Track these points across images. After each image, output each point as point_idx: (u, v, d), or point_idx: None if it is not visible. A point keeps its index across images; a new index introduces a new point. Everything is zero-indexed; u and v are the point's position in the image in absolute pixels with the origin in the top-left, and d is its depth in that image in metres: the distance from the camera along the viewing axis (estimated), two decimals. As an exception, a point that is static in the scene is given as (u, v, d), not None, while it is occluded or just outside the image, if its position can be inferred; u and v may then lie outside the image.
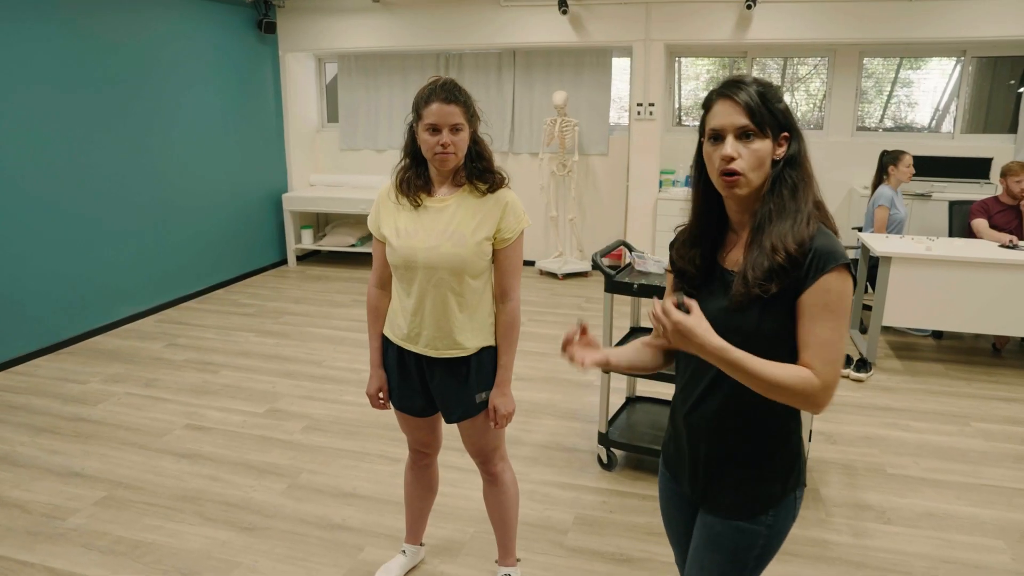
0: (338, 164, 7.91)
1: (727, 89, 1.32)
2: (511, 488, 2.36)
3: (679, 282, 1.49)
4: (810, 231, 1.30)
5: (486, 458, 2.28)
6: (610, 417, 3.35)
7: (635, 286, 3.05)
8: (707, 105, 1.36)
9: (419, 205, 2.06)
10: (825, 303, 1.27)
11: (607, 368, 1.53)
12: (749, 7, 5.76)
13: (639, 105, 6.43)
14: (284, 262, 7.56)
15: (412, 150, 2.08)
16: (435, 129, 1.94)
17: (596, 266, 3.10)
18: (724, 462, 1.45)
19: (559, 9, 6.13)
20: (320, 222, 8.02)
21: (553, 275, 7.03)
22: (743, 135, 1.30)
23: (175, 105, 5.88)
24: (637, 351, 1.60)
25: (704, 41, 6.24)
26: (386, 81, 7.46)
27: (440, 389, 2.15)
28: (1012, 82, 6.53)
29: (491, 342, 2.14)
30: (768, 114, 1.29)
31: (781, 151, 1.34)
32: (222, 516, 2.92)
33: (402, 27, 6.82)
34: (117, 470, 3.29)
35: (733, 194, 1.33)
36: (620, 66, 7.17)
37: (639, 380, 3.80)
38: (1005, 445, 3.63)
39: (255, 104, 6.96)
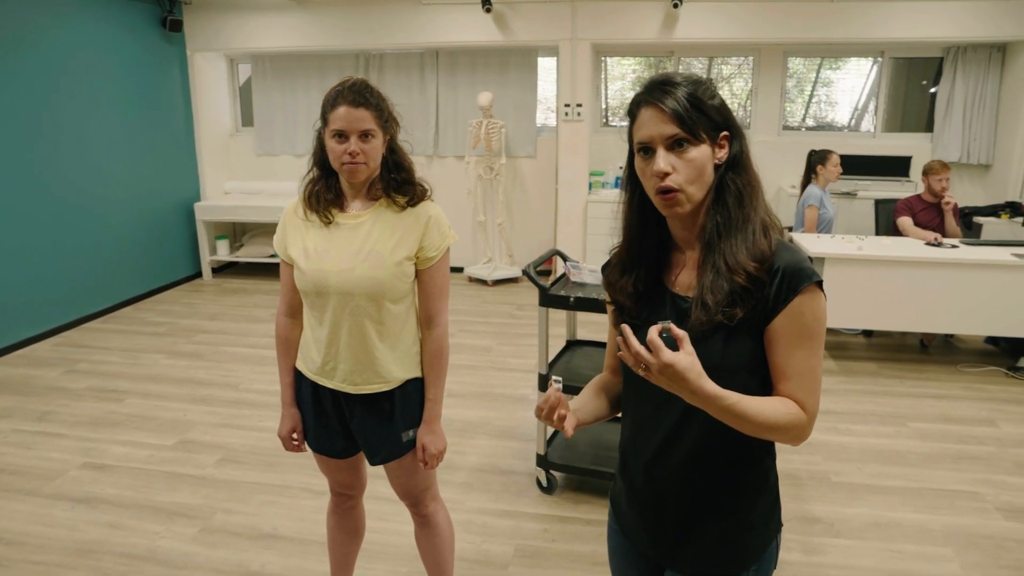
0: (254, 170, 7.51)
1: (651, 95, 1.16)
2: (445, 529, 2.15)
3: (619, 315, 1.31)
4: (770, 245, 1.16)
5: (416, 500, 2.07)
6: (548, 436, 3.17)
7: (571, 299, 2.88)
8: (632, 113, 1.20)
9: (330, 222, 1.83)
10: (801, 328, 1.14)
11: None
12: (676, 6, 5.69)
13: (567, 106, 6.30)
14: (199, 275, 7.13)
15: (321, 159, 1.85)
16: (342, 136, 1.72)
17: (530, 279, 2.91)
18: (698, 518, 1.27)
19: (483, 7, 5.94)
20: (237, 232, 7.60)
21: (483, 282, 6.83)
22: (675, 144, 1.14)
23: (70, 109, 5.42)
24: (596, 403, 1.42)
25: (631, 40, 6.16)
26: (303, 83, 7.12)
27: (361, 428, 1.92)
28: (925, 82, 6.68)
29: (417, 373, 1.92)
30: (702, 116, 1.14)
31: (722, 154, 1.18)
32: (123, 571, 2.61)
33: (319, 26, 6.51)
34: None
35: (674, 213, 1.17)
36: (546, 66, 7.03)
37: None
38: (942, 445, 3.62)
39: (162, 107, 6.52)
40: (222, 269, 7.41)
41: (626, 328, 1.09)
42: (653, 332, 1.06)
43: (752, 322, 1.15)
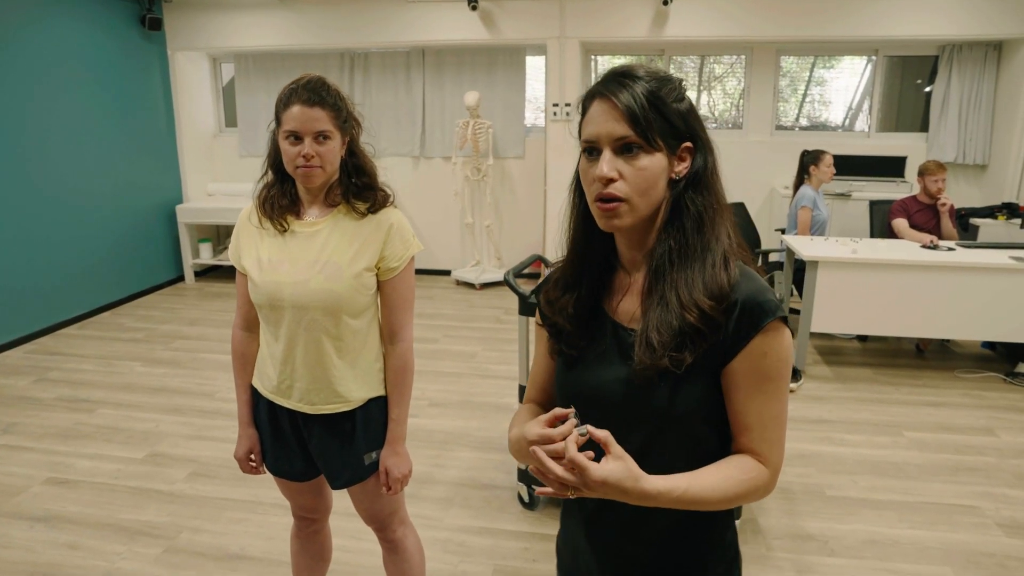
0: (238, 172, 7.36)
1: (605, 86, 1.00)
2: (415, 555, 2.02)
3: (554, 341, 1.14)
4: (730, 277, 0.99)
5: (382, 524, 1.94)
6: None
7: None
8: (584, 106, 1.04)
9: (285, 230, 1.70)
10: (762, 371, 0.99)
11: None
12: (665, 3, 5.58)
13: (555, 105, 6.17)
14: (181, 279, 6.98)
15: (276, 162, 1.73)
16: (296, 137, 1.59)
17: (510, 287, 2.78)
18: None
19: (469, 5, 5.81)
20: (220, 234, 7.45)
21: (470, 285, 6.70)
22: (624, 148, 0.98)
23: (44, 110, 5.27)
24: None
25: (620, 39, 6.03)
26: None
27: (321, 450, 1.79)
28: (919, 81, 6.57)
29: (380, 391, 1.79)
30: (660, 119, 0.98)
31: (682, 167, 1.02)
32: (78, 595, 2.48)
33: (303, 25, 6.37)
34: (-45, 542, 2.78)
35: (612, 226, 1.01)
36: (534, 65, 6.89)
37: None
38: (939, 456, 3.50)
39: (142, 108, 6.37)
40: (205, 273, 7.26)
41: (537, 452, 0.92)
42: (573, 447, 0.90)
43: (705, 365, 0.99)
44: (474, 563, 2.65)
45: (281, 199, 1.70)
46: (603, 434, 0.91)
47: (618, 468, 0.90)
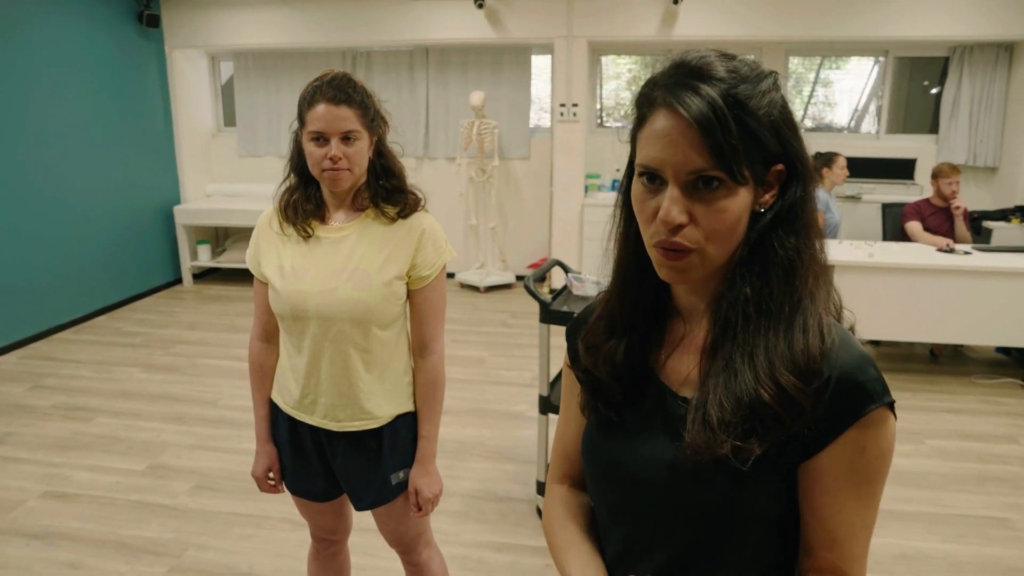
0: (237, 172, 7.24)
1: (675, 94, 0.73)
2: (440, 579, 1.91)
3: (588, 395, 0.91)
4: (825, 346, 0.76)
5: (408, 547, 1.83)
6: (549, 460, 2.93)
7: (575, 315, 2.64)
8: (641, 112, 0.78)
9: (310, 236, 1.59)
10: (859, 470, 0.76)
11: None
12: (675, 2, 5.48)
13: (562, 106, 6.07)
14: (179, 281, 6.85)
15: (299, 165, 1.62)
16: (321, 138, 1.48)
17: (532, 294, 2.68)
18: None
19: (475, 3, 5.71)
20: (219, 236, 7.32)
21: (475, 288, 6.59)
22: (700, 182, 0.73)
23: (39, 108, 5.13)
24: (592, 550, 0.95)
25: (629, 38, 5.94)
26: (288, 81, 6.85)
27: (345, 469, 1.68)
28: (926, 83, 6.50)
29: (408, 407, 1.68)
30: (749, 140, 0.73)
31: (769, 197, 0.78)
32: (80, 618, 2.36)
33: (304, 22, 6.25)
34: (-52, 560, 2.66)
35: (676, 280, 0.80)
36: (540, 65, 6.79)
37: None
38: (963, 465, 3.41)
39: (139, 107, 6.23)
40: (203, 275, 7.12)
41: None
42: None
43: (779, 460, 0.77)
44: (494, 581, 2.55)
45: (305, 203, 1.60)
46: None
47: None
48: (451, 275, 6.82)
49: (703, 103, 0.71)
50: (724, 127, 0.71)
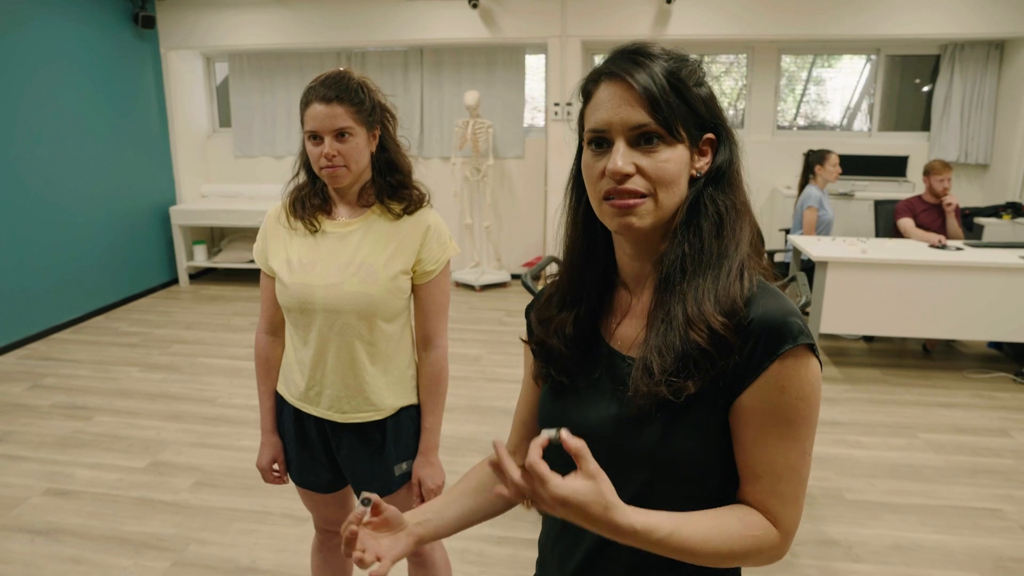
0: (233, 173, 7.25)
1: (616, 64, 0.84)
2: (443, 569, 1.94)
3: (541, 364, 0.99)
4: (745, 289, 0.84)
5: (411, 537, 1.85)
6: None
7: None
8: (587, 91, 0.88)
9: (317, 230, 1.62)
10: (778, 409, 0.82)
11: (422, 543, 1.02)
12: (668, 2, 5.52)
13: (556, 105, 6.10)
14: (175, 282, 6.86)
15: (307, 163, 1.65)
16: (317, 137, 1.51)
17: (528, 289, 2.71)
18: None
19: (469, 3, 5.74)
20: (215, 236, 7.33)
21: (470, 287, 6.62)
22: (642, 138, 0.82)
23: (34, 109, 5.14)
24: (472, 502, 1.08)
25: (622, 37, 5.86)
26: (283, 82, 6.87)
27: (349, 460, 1.71)
28: (918, 81, 6.56)
29: (412, 400, 1.71)
30: (683, 105, 0.83)
31: (703, 163, 0.88)
32: (85, 612, 2.38)
33: (299, 23, 6.27)
34: (-48, 557, 2.67)
35: (628, 225, 0.84)
36: (534, 64, 6.83)
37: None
38: (956, 458, 3.46)
39: (134, 108, 6.24)
40: (199, 275, 7.14)
41: (497, 445, 0.78)
42: (535, 452, 0.74)
43: (710, 398, 0.83)
44: (495, 574, 2.58)
45: (312, 198, 1.63)
46: (577, 444, 0.74)
47: (585, 488, 0.73)
48: (447, 274, 6.84)
49: (642, 70, 0.82)
50: (660, 87, 0.82)
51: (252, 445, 3.51)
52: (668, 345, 0.83)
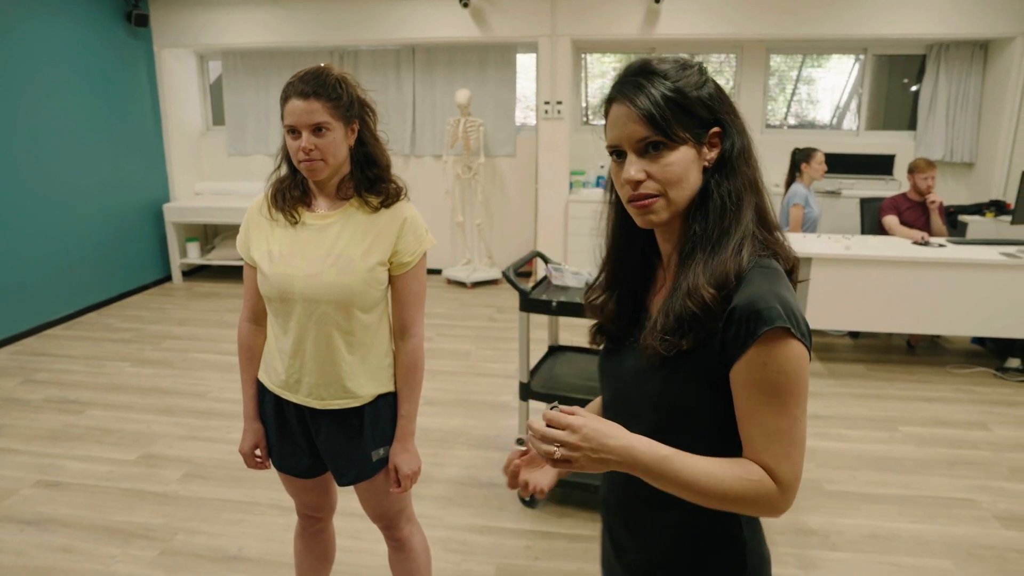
0: (226, 170, 7.29)
1: (621, 89, 1.00)
2: (422, 554, 1.99)
3: (598, 335, 1.19)
4: (737, 265, 0.97)
5: (390, 523, 1.91)
6: (531, 446, 3.01)
7: (553, 304, 2.73)
8: (605, 110, 1.05)
9: (297, 221, 1.67)
10: (764, 382, 0.93)
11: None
12: (657, 1, 5.57)
13: (546, 103, 6.15)
14: (168, 279, 6.90)
15: (288, 155, 1.69)
16: (294, 131, 1.56)
17: (510, 282, 2.76)
18: (642, 569, 1.16)
19: (460, 2, 5.79)
20: (208, 234, 7.38)
21: (461, 284, 6.67)
22: (649, 148, 0.99)
23: (27, 108, 5.18)
24: None
25: (612, 37, 6.03)
26: (276, 80, 6.90)
27: (328, 446, 1.76)
28: (906, 80, 6.62)
29: (389, 388, 1.76)
30: (680, 112, 0.97)
31: (713, 154, 1.02)
32: (74, 599, 2.43)
33: (292, 21, 6.32)
34: (-56, 546, 2.72)
35: (649, 221, 1.02)
36: (525, 63, 6.88)
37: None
38: (935, 450, 3.52)
39: (128, 106, 6.28)
40: (193, 272, 7.18)
41: (531, 422, 0.98)
42: (546, 413, 0.96)
43: (703, 363, 0.97)
44: (477, 562, 2.63)
45: (293, 191, 1.68)
46: (571, 409, 0.96)
47: (592, 420, 0.94)
48: (438, 271, 6.90)
49: (641, 92, 0.98)
50: (656, 104, 0.97)
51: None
52: (671, 309, 0.99)
